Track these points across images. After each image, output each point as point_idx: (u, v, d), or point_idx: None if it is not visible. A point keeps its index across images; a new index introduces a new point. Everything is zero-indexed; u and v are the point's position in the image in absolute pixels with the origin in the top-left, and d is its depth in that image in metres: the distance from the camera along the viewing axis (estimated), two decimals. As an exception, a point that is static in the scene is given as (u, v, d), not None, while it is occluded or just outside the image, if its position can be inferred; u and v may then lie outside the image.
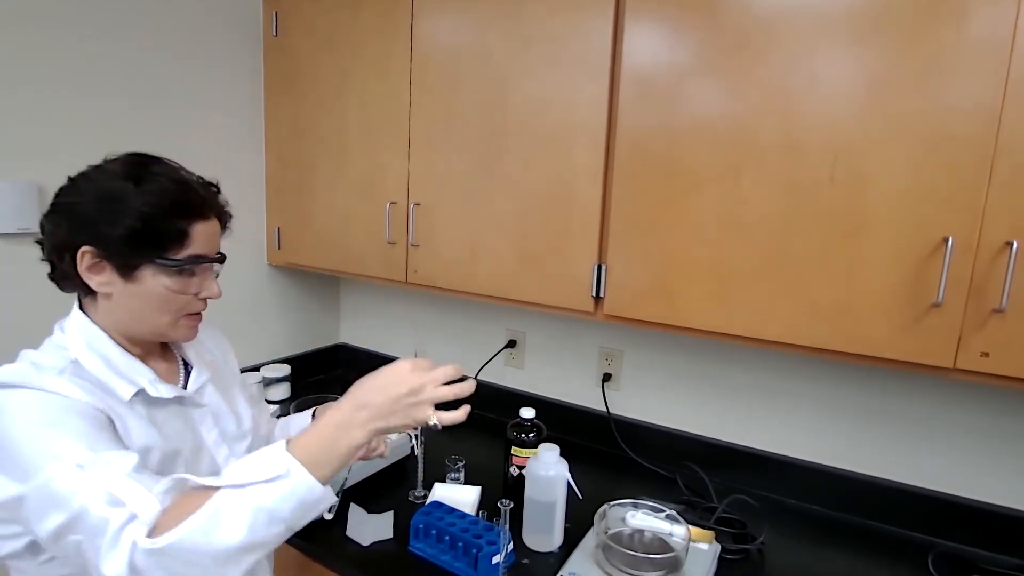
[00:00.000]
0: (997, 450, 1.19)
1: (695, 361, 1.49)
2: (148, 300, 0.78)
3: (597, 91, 1.18)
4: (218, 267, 0.84)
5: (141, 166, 0.77)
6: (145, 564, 0.60)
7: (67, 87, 1.35)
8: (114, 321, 0.80)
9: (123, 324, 0.80)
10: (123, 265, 0.75)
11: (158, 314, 0.79)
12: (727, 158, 1.07)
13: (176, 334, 0.83)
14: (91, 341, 0.78)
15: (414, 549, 1.12)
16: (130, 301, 0.78)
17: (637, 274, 1.19)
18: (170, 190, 0.76)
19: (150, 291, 0.77)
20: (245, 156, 1.77)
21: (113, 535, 0.60)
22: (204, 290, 0.82)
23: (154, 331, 0.81)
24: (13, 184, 1.28)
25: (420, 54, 1.42)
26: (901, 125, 0.93)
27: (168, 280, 0.77)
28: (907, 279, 0.95)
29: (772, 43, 1.01)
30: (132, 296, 0.77)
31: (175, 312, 0.80)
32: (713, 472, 1.40)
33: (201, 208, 0.79)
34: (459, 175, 1.40)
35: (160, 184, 0.75)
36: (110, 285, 0.76)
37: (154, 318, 0.80)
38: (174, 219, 0.76)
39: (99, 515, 0.61)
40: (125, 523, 0.61)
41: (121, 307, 0.78)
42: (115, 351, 0.79)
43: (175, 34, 1.55)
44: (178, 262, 0.77)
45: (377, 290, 2.06)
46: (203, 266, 0.81)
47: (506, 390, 1.78)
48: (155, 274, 0.76)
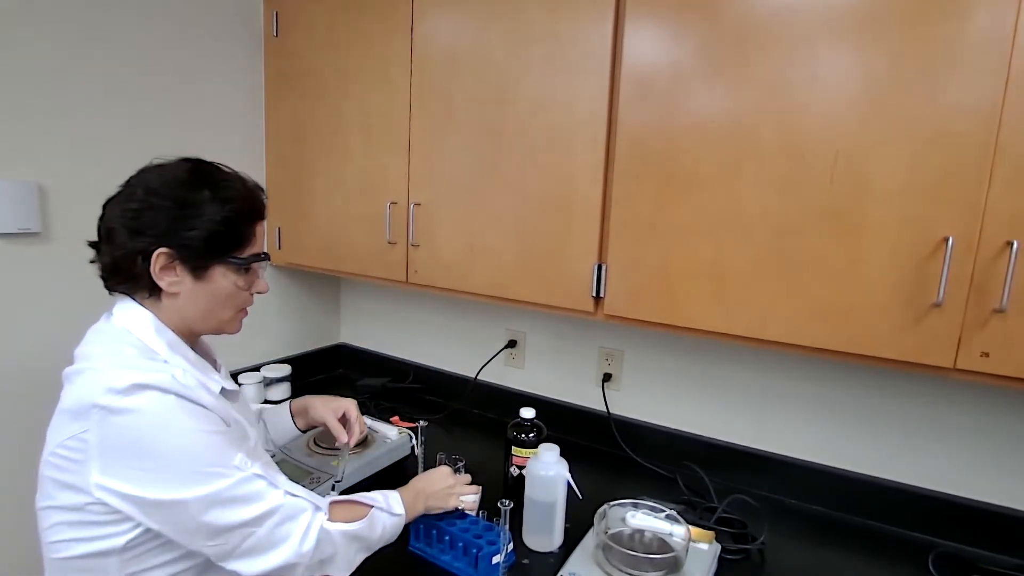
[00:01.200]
0: (997, 450, 1.19)
1: (695, 361, 1.49)
2: (216, 297, 0.85)
3: (597, 91, 1.18)
4: (267, 264, 0.93)
5: (210, 174, 0.85)
6: (324, 541, 0.84)
7: (67, 87, 1.35)
8: (179, 319, 0.85)
9: (188, 321, 0.86)
10: (196, 266, 0.82)
11: (222, 309, 0.87)
12: (727, 158, 1.07)
13: (232, 328, 0.92)
14: (172, 344, 0.84)
15: (414, 549, 1.12)
16: (198, 299, 0.84)
17: (637, 274, 1.19)
18: (243, 196, 0.86)
19: (219, 288, 0.85)
20: (245, 156, 1.77)
21: (308, 520, 0.83)
22: (255, 286, 0.91)
23: (216, 326, 0.89)
24: (13, 184, 1.28)
25: (420, 54, 1.42)
26: (901, 124, 0.93)
27: (236, 277, 0.86)
28: (907, 279, 0.95)
29: (772, 42, 1.01)
30: (201, 294, 0.84)
31: (236, 307, 0.89)
32: (713, 472, 1.40)
33: (262, 211, 0.90)
34: (459, 175, 1.40)
35: (233, 190, 0.85)
36: (179, 284, 0.83)
37: (218, 313, 0.87)
38: (245, 222, 0.86)
39: (296, 506, 0.83)
40: (315, 512, 0.85)
41: (188, 305, 0.85)
42: (189, 351, 0.86)
43: (175, 34, 1.55)
44: (245, 260, 0.86)
45: (377, 290, 2.06)
46: (259, 264, 0.90)
47: (506, 390, 1.78)
48: (225, 273, 0.85)
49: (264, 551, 0.79)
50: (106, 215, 0.83)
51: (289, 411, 1.19)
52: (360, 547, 0.91)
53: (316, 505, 0.86)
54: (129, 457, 0.73)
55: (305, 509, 0.84)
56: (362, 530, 0.89)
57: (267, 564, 0.79)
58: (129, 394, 0.72)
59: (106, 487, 0.73)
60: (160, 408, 0.74)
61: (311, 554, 0.82)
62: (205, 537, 0.76)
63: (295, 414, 1.18)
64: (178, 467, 0.74)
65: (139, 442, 0.73)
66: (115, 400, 0.72)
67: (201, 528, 0.75)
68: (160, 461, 0.73)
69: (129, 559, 0.77)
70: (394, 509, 0.96)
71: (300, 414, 1.18)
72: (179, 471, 0.74)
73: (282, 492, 0.82)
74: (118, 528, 0.76)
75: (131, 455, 0.73)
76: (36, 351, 1.33)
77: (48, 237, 1.35)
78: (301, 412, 1.18)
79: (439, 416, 1.75)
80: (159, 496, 0.73)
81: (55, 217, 1.36)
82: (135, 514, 0.74)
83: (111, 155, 1.43)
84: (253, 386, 1.75)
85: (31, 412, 1.32)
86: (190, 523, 0.75)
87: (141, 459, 0.73)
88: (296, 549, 0.80)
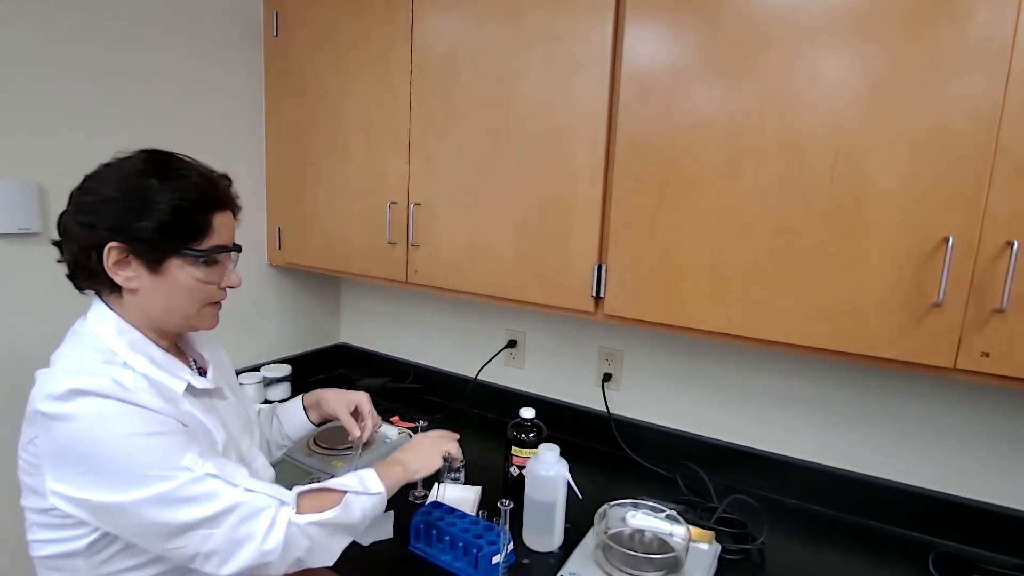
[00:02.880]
0: (997, 450, 1.19)
1: (695, 361, 1.49)
2: (176, 291, 0.82)
3: (597, 91, 1.18)
4: (236, 257, 0.89)
5: (162, 163, 0.81)
6: (295, 536, 0.79)
7: (67, 87, 1.35)
8: (143, 316, 0.83)
9: (153, 318, 0.84)
10: (151, 259, 0.79)
11: (186, 304, 0.84)
12: (727, 157, 1.07)
13: (202, 323, 0.88)
14: (133, 342, 0.82)
15: (414, 549, 1.12)
16: (158, 294, 0.82)
17: (637, 274, 1.19)
18: (196, 184, 0.81)
19: (178, 282, 0.81)
20: (245, 156, 1.77)
21: (271, 517, 0.78)
22: (225, 279, 0.87)
23: (183, 322, 0.86)
24: (13, 184, 1.28)
25: (420, 54, 1.42)
26: (901, 124, 0.93)
27: (195, 270, 0.82)
28: (907, 279, 0.95)
29: (772, 42, 1.01)
30: (160, 289, 0.81)
31: (201, 301, 0.85)
32: (713, 472, 1.40)
33: (222, 200, 0.84)
34: (459, 175, 1.40)
35: (185, 179, 0.80)
36: (136, 280, 0.80)
37: (182, 308, 0.84)
38: (200, 212, 0.81)
39: (256, 504, 0.78)
40: (278, 507, 0.80)
41: (149, 301, 0.82)
42: (155, 349, 0.84)
43: (175, 34, 1.55)
44: (203, 252, 0.82)
45: (377, 290, 2.06)
46: (224, 256, 0.86)
47: (506, 390, 1.78)
48: (182, 265, 0.81)
49: (229, 552, 0.76)
50: (64, 211, 0.81)
51: (302, 404, 1.16)
52: (338, 534, 0.86)
53: (280, 500, 0.81)
54: (73, 462, 0.72)
55: (267, 506, 0.79)
56: (337, 518, 0.84)
57: (235, 565, 0.76)
58: (66, 400, 0.71)
59: (57, 492, 0.73)
60: (97, 413, 0.72)
61: (279, 551, 0.78)
62: (161, 539, 0.75)
63: (308, 407, 1.16)
64: (119, 470, 0.72)
65: (79, 448, 0.72)
66: (53, 407, 0.72)
67: (153, 530, 0.74)
68: (101, 465, 0.72)
69: (96, 561, 0.78)
70: (371, 488, 0.89)
71: (313, 407, 1.16)
72: (120, 474, 0.72)
73: (240, 490, 0.78)
74: (77, 531, 0.76)
75: (74, 460, 0.72)
76: (36, 351, 1.33)
77: (48, 237, 1.34)
78: (314, 405, 1.16)
79: (439, 416, 1.75)
80: (103, 499, 0.72)
81: (55, 217, 1.35)
82: (87, 518, 0.74)
83: (111, 155, 1.42)
84: (253, 386, 1.75)
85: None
86: (140, 525, 0.74)
87: (83, 464, 0.72)
88: (258, 548, 0.76)
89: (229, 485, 0.77)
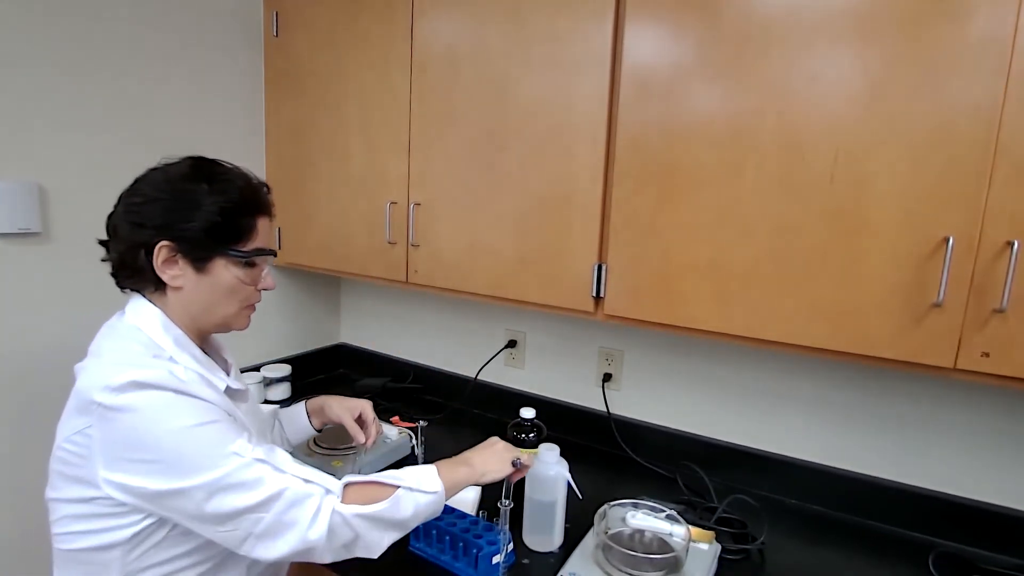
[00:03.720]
0: (997, 450, 1.19)
1: (695, 361, 1.49)
2: (218, 291, 0.86)
3: (597, 90, 1.18)
4: (272, 260, 0.93)
5: (208, 168, 0.86)
6: (339, 525, 0.81)
7: (67, 87, 1.35)
8: (185, 315, 0.87)
9: (193, 317, 0.87)
10: (197, 258, 0.83)
11: (226, 304, 0.88)
12: (727, 157, 1.07)
13: (239, 323, 0.93)
14: (178, 339, 0.85)
15: (414, 549, 1.12)
16: (201, 293, 0.86)
17: (637, 274, 1.19)
18: (241, 188, 0.86)
19: (221, 282, 0.86)
20: (245, 156, 1.76)
21: (316, 505, 0.80)
22: (262, 281, 0.92)
23: (222, 321, 0.90)
24: (13, 184, 1.28)
25: (420, 54, 1.42)
26: (902, 124, 0.93)
27: (238, 271, 0.87)
28: (907, 279, 0.95)
29: (772, 42, 1.01)
30: (203, 287, 0.85)
31: (240, 302, 0.90)
32: (713, 472, 1.40)
33: (265, 205, 0.90)
34: (459, 175, 1.40)
35: (231, 183, 0.86)
36: (182, 278, 0.84)
37: (223, 308, 0.88)
38: (245, 214, 0.86)
39: (301, 491, 0.80)
40: (324, 495, 0.82)
41: (192, 300, 0.86)
42: (196, 348, 0.87)
43: (175, 34, 1.55)
44: (246, 254, 0.86)
45: (377, 290, 2.06)
46: (261, 259, 0.90)
47: (506, 390, 1.78)
48: (227, 266, 0.86)
49: (275, 536, 0.78)
50: (114, 212, 0.85)
51: (305, 410, 1.19)
52: (387, 528, 0.86)
53: (327, 488, 0.83)
54: (130, 451, 0.75)
55: (311, 494, 0.80)
56: (385, 512, 0.84)
57: (280, 550, 0.79)
58: (125, 391, 0.74)
59: (112, 481, 0.75)
60: (156, 404, 0.75)
61: (324, 538, 0.79)
62: (214, 523, 0.77)
63: (311, 413, 1.19)
64: (177, 457, 0.75)
65: (137, 438, 0.75)
66: (112, 398, 0.74)
67: (208, 515, 0.76)
68: (160, 453, 0.75)
69: (132, 554, 0.79)
70: (425, 487, 0.89)
71: (316, 413, 1.19)
72: (179, 461, 0.75)
73: (288, 476, 0.80)
74: (125, 520, 0.78)
75: (131, 450, 0.75)
76: (36, 351, 1.33)
77: (48, 237, 1.35)
78: (317, 411, 1.19)
79: (439, 416, 1.75)
80: (162, 487, 0.75)
81: (55, 217, 1.35)
82: (143, 505, 0.77)
83: (111, 155, 1.43)
84: (253, 386, 1.75)
85: (32, 410, 1.32)
86: (196, 510, 0.76)
87: (141, 453, 0.75)
88: (303, 535, 0.78)
89: (276, 471, 0.80)
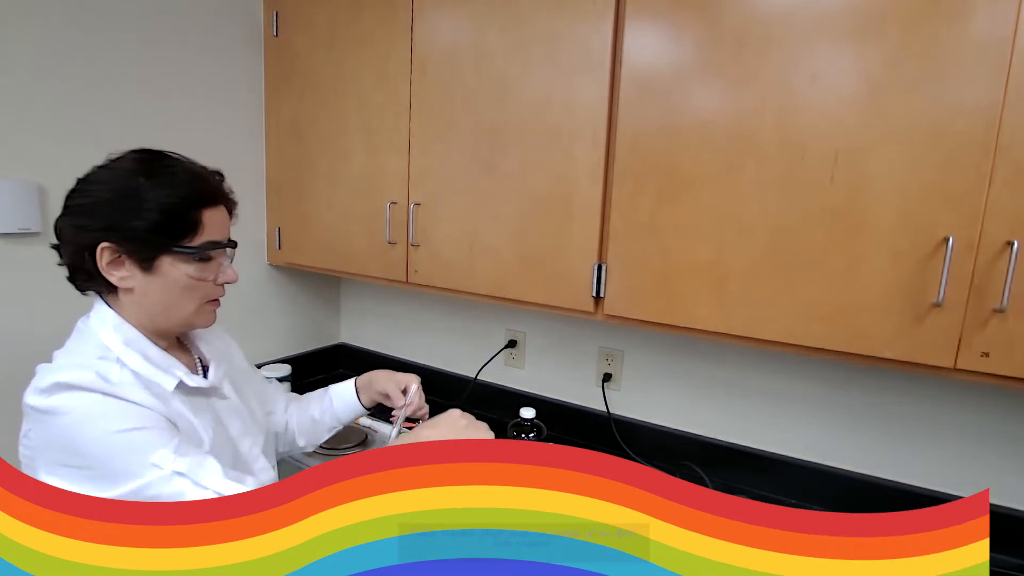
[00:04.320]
0: (997, 450, 1.19)
1: (695, 361, 1.49)
2: (171, 290, 0.81)
3: (597, 90, 1.18)
4: (231, 252, 0.88)
5: (151, 161, 0.81)
6: None
7: (67, 87, 1.35)
8: (141, 315, 0.83)
9: (150, 317, 0.83)
10: (143, 258, 0.78)
11: (182, 302, 0.83)
12: (727, 157, 1.07)
13: (200, 320, 0.87)
14: (130, 339, 0.81)
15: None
16: (153, 294, 0.81)
17: (637, 274, 1.19)
18: (185, 180, 0.80)
19: (172, 281, 0.80)
20: (245, 156, 1.77)
21: None
22: (221, 275, 0.86)
23: (181, 320, 0.85)
24: (13, 184, 1.28)
25: (420, 54, 1.42)
26: (901, 124, 0.93)
27: (188, 268, 0.81)
28: (907, 279, 0.95)
29: (772, 42, 1.01)
30: (154, 288, 0.80)
31: (198, 299, 0.84)
32: (713, 472, 1.40)
33: (213, 196, 0.83)
34: (459, 175, 1.40)
35: (174, 176, 0.79)
36: (131, 279, 0.79)
37: (179, 306, 0.83)
38: (190, 208, 0.79)
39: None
40: None
41: (145, 300, 0.81)
42: (151, 347, 0.83)
43: (175, 34, 1.55)
44: (195, 249, 0.80)
45: (377, 290, 2.06)
46: (218, 252, 0.84)
47: (506, 390, 1.77)
48: (174, 263, 0.80)
49: None
50: (60, 215, 0.82)
51: (355, 386, 1.14)
52: None
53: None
54: (64, 456, 0.73)
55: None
56: None
57: None
58: (52, 393, 0.72)
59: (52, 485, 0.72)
60: (83, 407, 0.72)
61: None
62: None
63: (360, 389, 1.13)
64: (104, 465, 0.72)
65: (69, 441, 0.72)
66: (40, 400, 0.72)
67: None
68: (89, 459, 0.72)
69: None
70: None
71: (364, 389, 1.13)
72: (106, 469, 0.72)
73: (209, 492, 0.74)
74: None
75: (65, 454, 0.73)
76: (37, 351, 1.33)
77: (48, 237, 1.34)
78: (365, 387, 1.13)
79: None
80: (94, 494, 0.71)
81: (55, 217, 1.35)
82: None
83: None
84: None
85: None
86: None
87: (75, 459, 0.72)
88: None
89: (196, 486, 0.74)
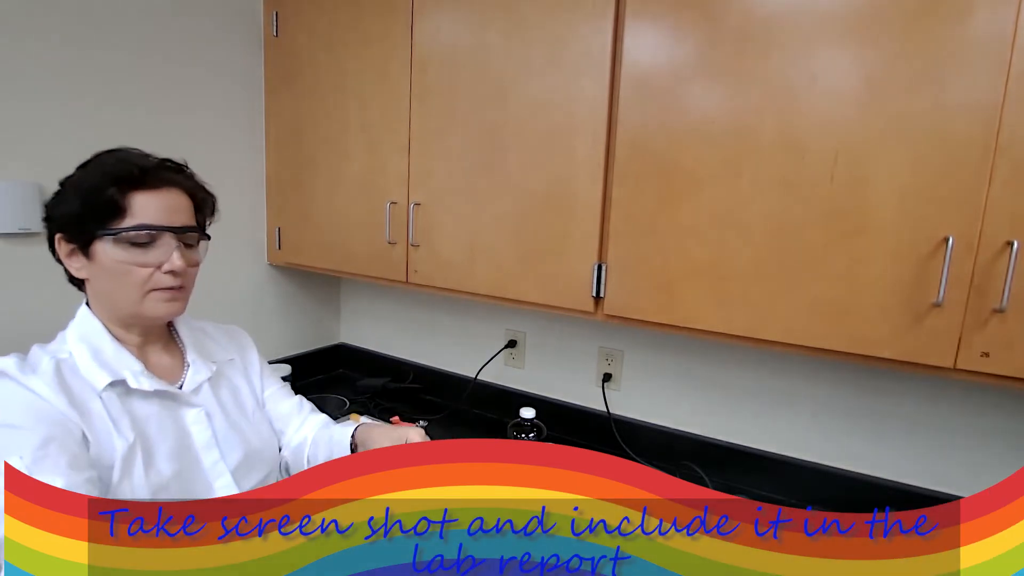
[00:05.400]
0: (998, 450, 1.19)
1: (695, 361, 1.49)
2: (110, 277, 0.80)
3: (597, 91, 1.18)
4: (189, 238, 0.83)
5: (97, 154, 0.82)
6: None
7: (67, 87, 1.35)
8: (102, 306, 0.83)
9: (108, 308, 0.83)
10: (83, 244, 0.79)
11: (123, 290, 0.80)
12: (727, 157, 1.07)
13: (150, 311, 0.82)
14: (86, 333, 0.81)
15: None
16: (99, 282, 0.81)
17: (637, 274, 1.19)
18: (105, 163, 0.80)
19: (107, 267, 0.79)
20: (245, 156, 1.77)
21: None
22: (168, 263, 0.80)
23: (131, 309, 0.81)
24: (13, 184, 1.28)
25: (420, 54, 1.42)
26: (902, 124, 0.93)
27: (117, 252, 0.78)
28: (907, 278, 0.95)
29: (772, 42, 1.01)
30: (99, 275, 0.80)
31: (139, 287, 0.80)
32: (713, 472, 1.40)
33: (141, 178, 0.79)
34: (459, 175, 1.40)
35: (101, 164, 0.80)
36: (84, 269, 0.81)
37: (122, 295, 0.80)
38: (107, 189, 0.77)
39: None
40: None
41: (98, 289, 0.82)
42: (107, 342, 0.82)
43: (175, 34, 1.55)
44: (117, 231, 0.77)
45: (377, 290, 2.06)
46: (163, 238, 0.79)
47: (506, 390, 1.77)
48: (104, 248, 0.78)
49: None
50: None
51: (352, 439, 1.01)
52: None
53: None
54: None
55: None
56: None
57: None
58: None
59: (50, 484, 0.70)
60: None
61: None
62: None
63: (358, 446, 1.01)
64: None
65: None
66: None
67: None
68: None
69: None
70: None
71: (362, 446, 1.01)
72: None
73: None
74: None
75: None
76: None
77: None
78: (363, 444, 1.01)
79: (439, 416, 1.75)
80: None
81: (55, 217, 1.35)
82: None
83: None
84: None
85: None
86: None
87: None
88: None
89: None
